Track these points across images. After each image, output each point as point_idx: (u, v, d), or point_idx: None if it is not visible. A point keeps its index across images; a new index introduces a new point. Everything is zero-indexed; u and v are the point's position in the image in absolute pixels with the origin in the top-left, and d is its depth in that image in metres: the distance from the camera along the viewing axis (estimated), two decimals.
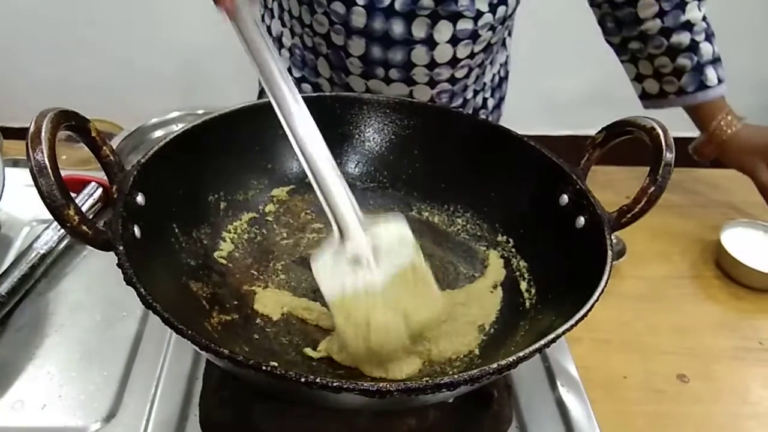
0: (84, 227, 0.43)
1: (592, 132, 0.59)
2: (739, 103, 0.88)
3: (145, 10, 1.93)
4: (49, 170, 0.41)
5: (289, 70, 0.89)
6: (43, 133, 0.42)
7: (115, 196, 0.48)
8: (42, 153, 0.41)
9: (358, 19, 0.75)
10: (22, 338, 0.60)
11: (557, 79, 2.12)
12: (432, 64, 0.78)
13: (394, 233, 0.51)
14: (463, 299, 0.60)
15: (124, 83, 2.11)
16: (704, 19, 0.84)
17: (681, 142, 0.75)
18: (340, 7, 0.75)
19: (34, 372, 0.57)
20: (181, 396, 0.55)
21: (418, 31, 0.74)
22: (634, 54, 0.90)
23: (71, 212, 0.42)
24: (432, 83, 0.81)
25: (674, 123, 0.79)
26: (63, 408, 0.54)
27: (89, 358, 0.58)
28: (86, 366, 0.58)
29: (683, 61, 0.85)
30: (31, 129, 0.42)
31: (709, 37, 0.85)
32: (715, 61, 0.86)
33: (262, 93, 1.00)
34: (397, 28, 0.74)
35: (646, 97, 0.92)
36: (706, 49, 0.84)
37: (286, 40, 0.87)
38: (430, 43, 0.76)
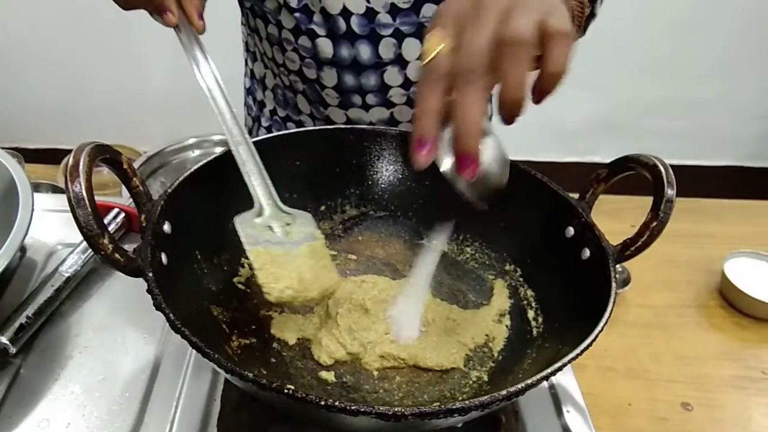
0: (117, 255, 0.46)
1: (598, 158, 0.61)
2: (744, 131, 0.89)
3: (161, 38, 1.98)
4: (86, 201, 0.44)
5: (274, 111, 0.91)
6: (81, 166, 0.45)
7: (144, 224, 0.51)
8: (80, 185, 0.44)
9: (325, 49, 0.76)
10: (47, 359, 0.62)
11: (564, 107, 2.16)
12: (407, 83, 0.79)
13: (304, 220, 0.60)
14: (456, 317, 0.62)
15: (136, 107, 2.15)
16: None
17: (686, 171, 0.78)
18: (306, 41, 0.77)
19: (59, 391, 0.59)
20: (200, 416, 0.57)
21: (386, 52, 0.75)
22: None
23: (106, 241, 0.45)
24: (411, 102, 0.82)
25: (680, 151, 0.82)
26: (86, 427, 0.56)
27: (112, 378, 0.61)
28: (109, 386, 0.60)
29: None
30: (70, 162, 0.45)
31: None
32: None
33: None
34: (364, 53, 0.75)
35: None
36: None
37: (269, 82, 0.89)
38: (401, 62, 0.77)
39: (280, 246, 0.57)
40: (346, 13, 0.73)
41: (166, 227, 0.53)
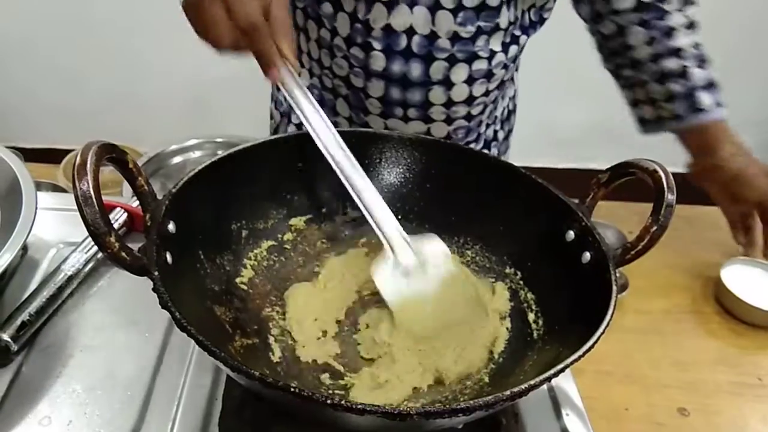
0: (123, 254, 0.46)
1: (595, 165, 0.62)
2: (742, 139, 0.88)
3: (159, 38, 1.98)
4: (94, 200, 0.44)
5: None
6: (88, 165, 0.45)
7: (149, 224, 0.51)
8: (87, 183, 0.44)
9: (377, 62, 0.78)
10: (49, 357, 0.62)
11: (561, 113, 2.17)
12: (449, 103, 0.82)
13: (436, 249, 0.64)
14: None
15: (135, 108, 2.15)
16: (695, 46, 0.83)
17: (683, 178, 0.78)
18: (359, 52, 0.78)
19: (61, 389, 0.59)
20: (202, 415, 0.57)
21: (436, 73, 0.78)
22: (629, 80, 0.88)
23: (112, 239, 0.45)
24: (449, 120, 0.84)
25: (677, 159, 0.83)
26: (88, 425, 0.56)
27: (113, 377, 0.61)
28: (110, 385, 0.60)
29: (674, 86, 0.83)
30: (78, 161, 0.45)
31: (701, 63, 0.83)
32: (710, 86, 0.83)
33: (276, 124, 1.03)
34: (415, 70, 0.78)
35: (642, 123, 0.90)
36: (697, 75, 0.83)
37: (304, 81, 0.90)
38: (447, 83, 0.79)
39: (414, 290, 0.61)
40: (410, 31, 0.76)
41: (171, 227, 0.53)
